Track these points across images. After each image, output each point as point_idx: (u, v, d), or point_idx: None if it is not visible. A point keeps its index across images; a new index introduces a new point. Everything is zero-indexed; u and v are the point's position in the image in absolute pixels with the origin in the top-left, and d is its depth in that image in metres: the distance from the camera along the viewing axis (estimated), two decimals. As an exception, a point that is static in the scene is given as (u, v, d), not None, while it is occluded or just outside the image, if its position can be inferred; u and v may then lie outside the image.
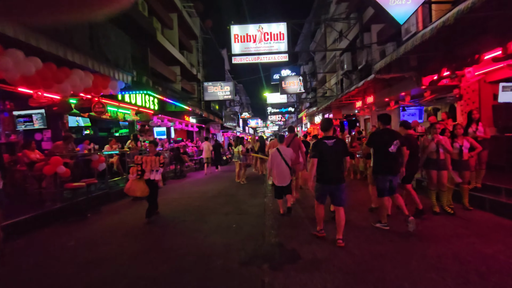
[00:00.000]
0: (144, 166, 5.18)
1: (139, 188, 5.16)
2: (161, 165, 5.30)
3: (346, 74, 15.16)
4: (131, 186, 5.18)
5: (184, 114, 14.99)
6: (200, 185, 9.78)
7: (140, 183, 5.15)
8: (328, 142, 3.70)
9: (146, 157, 5.24)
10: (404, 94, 9.18)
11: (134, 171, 5.17)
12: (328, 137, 3.78)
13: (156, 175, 5.25)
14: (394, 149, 4.07)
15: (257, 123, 49.46)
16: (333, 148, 3.68)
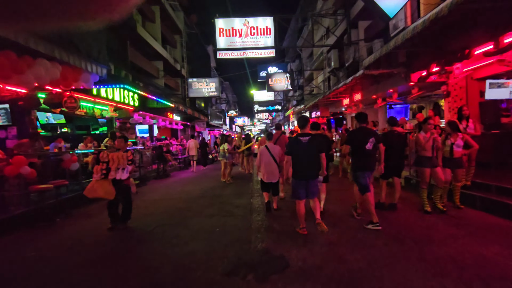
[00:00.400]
0: (111, 164, 4.56)
1: (102, 188, 4.49)
2: (130, 162, 4.72)
3: (333, 71, 15.03)
4: (92, 186, 4.50)
5: (167, 111, 14.41)
6: (184, 185, 9.34)
7: (105, 183, 4.52)
8: (303, 139, 3.81)
9: (113, 153, 4.63)
10: (392, 91, 9.08)
11: (98, 170, 4.51)
12: (303, 134, 3.89)
13: (123, 173, 4.65)
14: (370, 147, 4.18)
15: (244, 121, 49.00)
16: (308, 145, 3.79)
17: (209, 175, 11.55)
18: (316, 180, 3.97)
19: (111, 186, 4.54)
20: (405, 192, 6.66)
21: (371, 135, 4.22)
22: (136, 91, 9.56)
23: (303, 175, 3.88)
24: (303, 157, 3.84)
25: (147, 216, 5.56)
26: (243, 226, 4.64)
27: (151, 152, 12.32)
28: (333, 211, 5.17)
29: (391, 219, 4.58)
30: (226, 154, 9.23)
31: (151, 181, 10.96)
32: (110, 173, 4.55)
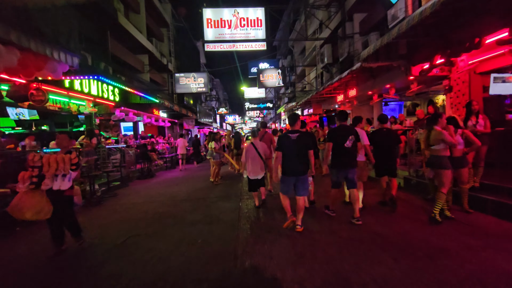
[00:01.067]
0: (46, 170, 3.43)
1: (32, 205, 3.27)
2: (74, 167, 3.64)
3: (326, 67, 14.54)
4: (19, 202, 3.28)
5: (152, 108, 13.62)
6: (169, 186, 8.66)
7: (36, 196, 3.36)
8: (292, 136, 3.86)
9: (49, 155, 3.53)
10: (389, 86, 8.62)
11: (24, 178, 3.35)
12: (292, 131, 3.95)
13: (64, 182, 3.56)
14: (349, 144, 4.27)
15: (235, 119, 48.24)
16: (297, 141, 3.84)
17: (197, 175, 10.90)
18: (306, 176, 3.99)
19: (44, 200, 3.41)
20: (405, 193, 6.21)
21: (351, 133, 4.32)
22: (114, 84, 8.78)
23: (291, 170, 3.92)
24: (292, 154, 3.89)
25: (122, 223, 4.90)
26: (229, 235, 4.04)
27: (135, 150, 11.56)
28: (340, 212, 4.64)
29: (396, 227, 4.07)
30: (214, 153, 8.60)
31: (134, 181, 10.25)
32: (44, 181, 3.44)
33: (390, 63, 6.87)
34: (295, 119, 4.06)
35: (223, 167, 11.94)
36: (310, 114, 18.05)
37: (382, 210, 4.90)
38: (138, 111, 12.71)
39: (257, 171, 5.25)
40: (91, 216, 5.52)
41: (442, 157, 4.15)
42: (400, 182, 7.03)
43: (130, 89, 9.65)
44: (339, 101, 12.24)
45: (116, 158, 10.11)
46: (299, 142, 3.86)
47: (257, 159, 5.20)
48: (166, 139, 17.85)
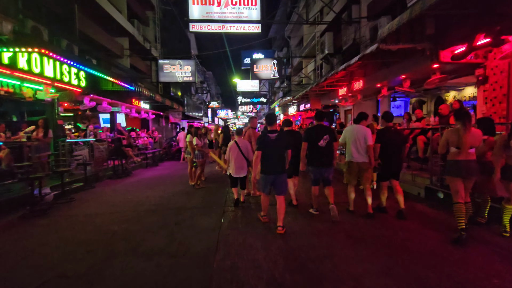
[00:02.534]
0: None
1: None
2: None
3: (326, 57, 13.21)
4: None
5: (132, 97, 12.07)
6: (142, 189, 7.23)
7: None
8: (271, 136, 3.92)
9: None
10: (404, 77, 7.35)
11: None
12: (271, 131, 4.01)
13: None
14: (323, 144, 4.36)
15: (227, 114, 46.63)
16: (275, 141, 3.91)
17: (180, 174, 9.45)
18: (284, 175, 4.02)
19: None
20: (427, 207, 4.98)
21: (326, 132, 4.41)
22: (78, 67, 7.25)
23: (270, 170, 3.98)
24: (271, 153, 3.95)
25: (53, 251, 3.48)
26: (197, 282, 2.68)
27: (108, 145, 10.04)
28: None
29: (421, 251, 2.78)
30: (196, 151, 7.18)
31: (105, 181, 8.78)
32: None
33: (413, 46, 5.56)
34: (273, 119, 4.18)
35: (209, 166, 10.58)
36: (307, 109, 16.73)
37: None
38: (114, 101, 11.16)
39: (240, 169, 5.15)
40: (20, 234, 4.08)
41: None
42: (419, 192, 5.80)
43: (98, 73, 8.11)
44: (341, 95, 10.94)
45: (81, 154, 8.61)
46: (278, 142, 3.93)
47: (240, 157, 5.11)
48: (150, 132, 16.32)
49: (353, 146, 4.39)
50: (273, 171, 3.96)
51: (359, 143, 4.34)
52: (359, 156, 4.37)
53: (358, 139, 4.34)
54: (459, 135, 3.37)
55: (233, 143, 5.22)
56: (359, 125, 4.50)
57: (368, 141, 4.30)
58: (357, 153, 4.37)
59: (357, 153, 4.37)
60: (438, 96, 12.63)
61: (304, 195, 5.93)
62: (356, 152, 4.38)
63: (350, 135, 4.44)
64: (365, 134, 4.31)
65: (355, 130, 4.42)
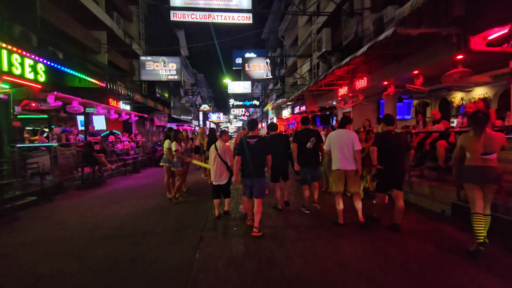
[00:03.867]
0: None
1: None
2: None
3: (323, 56, 12.23)
4: None
5: (108, 97, 10.80)
6: (109, 204, 6.02)
7: None
8: (251, 141, 3.97)
9: None
10: (418, 72, 6.35)
11: None
12: (251, 136, 4.03)
13: None
14: (310, 146, 4.69)
15: (219, 118, 45.37)
16: (255, 146, 3.96)
17: (162, 184, 8.18)
18: (262, 179, 4.03)
19: None
20: (457, 230, 3.91)
21: (313, 135, 4.74)
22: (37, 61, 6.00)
23: (249, 173, 3.99)
24: (251, 157, 3.96)
25: None
26: None
27: (75, 151, 8.74)
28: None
29: None
30: (174, 158, 5.99)
31: (70, 193, 7.55)
32: None
33: (437, 30, 4.54)
34: (254, 125, 4.17)
35: (193, 174, 9.38)
36: (302, 112, 15.70)
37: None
38: (86, 100, 9.86)
39: (219, 175, 4.85)
40: None
41: None
42: (444, 210, 4.74)
43: (61, 66, 6.87)
44: (341, 96, 9.92)
45: (37, 162, 7.29)
46: (257, 147, 3.96)
47: (219, 163, 4.82)
48: (132, 136, 15.01)
49: (340, 153, 4.12)
50: (251, 175, 3.99)
51: (347, 149, 4.09)
52: (346, 164, 4.10)
53: (344, 145, 4.09)
54: (470, 140, 3.22)
55: (212, 147, 4.96)
56: (344, 129, 4.24)
57: (356, 146, 4.06)
58: (345, 160, 4.10)
59: (344, 160, 4.10)
60: (443, 97, 11.75)
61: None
62: (344, 159, 4.10)
63: (336, 141, 4.17)
64: (353, 139, 4.09)
65: (340, 135, 4.16)
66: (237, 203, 5.76)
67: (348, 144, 4.08)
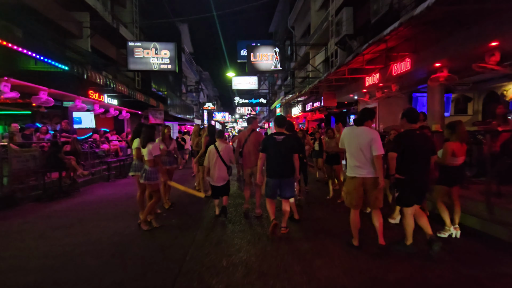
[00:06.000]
0: None
1: None
2: None
3: (343, 41, 10.32)
4: None
5: (87, 88, 9.10)
6: (53, 231, 4.25)
7: None
8: (278, 138, 3.78)
9: None
10: (498, 44, 4.39)
11: None
12: (278, 133, 3.86)
13: None
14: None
15: (224, 117, 43.59)
16: (281, 144, 3.74)
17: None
18: (291, 179, 3.86)
19: None
20: None
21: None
22: None
23: (276, 173, 3.79)
24: (277, 156, 3.78)
25: None
26: None
27: (39, 151, 7.03)
28: None
29: None
30: (146, 167, 4.18)
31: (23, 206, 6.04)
32: None
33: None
34: (282, 121, 4.01)
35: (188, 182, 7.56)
36: (314, 109, 13.75)
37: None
38: (58, 91, 8.16)
39: (220, 178, 4.63)
40: None
41: None
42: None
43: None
44: (369, 86, 7.98)
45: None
46: (284, 145, 3.75)
47: (219, 164, 4.61)
48: (124, 135, 13.33)
49: (354, 156, 3.27)
50: (279, 174, 3.77)
51: (363, 152, 3.21)
52: (362, 170, 3.24)
53: (361, 146, 3.22)
54: None
55: (212, 147, 4.75)
56: (363, 126, 3.32)
57: (376, 150, 3.15)
58: (363, 165, 3.23)
59: (362, 165, 3.23)
60: (491, 91, 9.72)
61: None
62: (359, 164, 3.24)
63: (350, 141, 3.34)
64: (371, 139, 3.18)
65: (357, 134, 3.29)
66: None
67: (364, 146, 3.21)
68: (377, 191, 3.23)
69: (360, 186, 3.26)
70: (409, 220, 3.22)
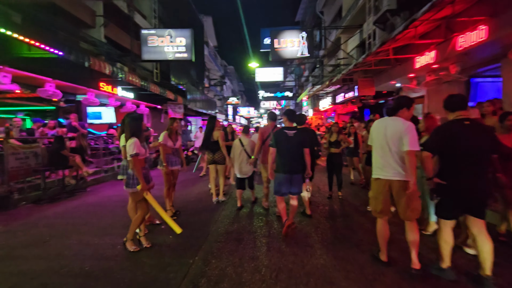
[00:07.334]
0: None
1: None
2: None
3: (383, 19, 8.70)
4: None
5: (98, 79, 8.49)
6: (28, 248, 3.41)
7: None
8: (289, 133, 3.67)
9: None
10: None
11: None
12: (290, 127, 3.74)
13: None
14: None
15: (249, 112, 42.67)
16: (293, 138, 3.65)
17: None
18: (300, 175, 3.73)
19: None
20: None
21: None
22: None
23: (286, 169, 3.65)
24: (288, 151, 3.66)
25: None
26: None
27: (41, 149, 6.47)
28: None
29: None
30: (130, 169, 3.24)
31: (18, 208, 5.47)
32: None
33: None
34: (295, 115, 3.92)
35: (198, 185, 6.62)
36: (346, 100, 12.20)
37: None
38: (67, 83, 7.60)
39: (245, 171, 4.92)
40: None
41: None
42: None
43: None
44: (419, 68, 6.43)
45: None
46: (296, 140, 3.64)
47: (245, 158, 4.87)
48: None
49: (378, 152, 2.72)
50: (289, 170, 3.65)
51: (390, 147, 2.62)
52: (390, 170, 2.63)
53: (388, 140, 2.63)
54: None
55: (237, 141, 5.03)
56: (395, 116, 2.69)
57: (408, 144, 2.51)
58: (388, 164, 2.63)
59: (387, 164, 2.64)
60: None
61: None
62: (386, 163, 2.64)
63: (376, 135, 2.77)
64: (403, 131, 2.56)
65: (385, 126, 2.70)
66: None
67: (394, 140, 2.59)
68: (407, 198, 2.58)
69: (386, 190, 2.71)
70: (446, 236, 2.55)
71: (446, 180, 2.51)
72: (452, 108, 2.56)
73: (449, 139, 2.47)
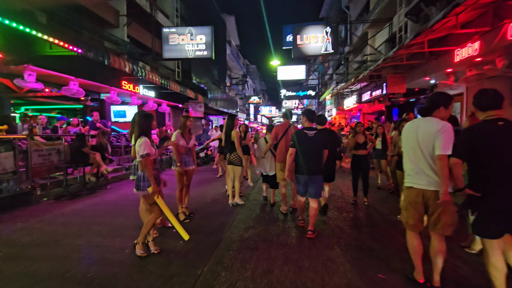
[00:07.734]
0: None
1: None
2: None
3: (417, 10, 8.02)
4: None
5: (120, 78, 8.59)
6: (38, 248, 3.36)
7: None
8: (309, 133, 3.65)
9: None
10: None
11: None
12: (310, 128, 3.71)
13: None
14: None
15: (271, 111, 42.27)
16: (313, 139, 3.63)
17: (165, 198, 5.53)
18: (320, 177, 3.67)
19: None
20: None
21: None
22: None
23: (306, 170, 3.61)
24: (307, 152, 3.62)
25: None
26: None
27: (64, 146, 6.61)
28: None
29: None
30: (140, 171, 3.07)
31: (41, 204, 5.59)
32: None
33: None
34: (314, 115, 3.84)
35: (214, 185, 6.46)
36: (373, 98, 11.49)
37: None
38: (91, 82, 7.74)
39: (272, 170, 4.90)
40: None
41: None
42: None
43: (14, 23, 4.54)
44: (460, 61, 5.76)
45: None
46: (316, 140, 3.62)
47: (271, 157, 4.84)
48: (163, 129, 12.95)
49: (413, 158, 2.37)
50: (308, 171, 3.61)
51: (423, 151, 2.30)
52: (425, 178, 2.29)
53: (420, 143, 2.31)
54: None
55: (262, 140, 5.14)
56: (429, 117, 2.34)
57: (440, 148, 2.18)
58: (421, 171, 2.31)
59: (420, 171, 2.31)
60: None
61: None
62: (419, 169, 2.32)
63: (407, 139, 2.46)
64: (437, 132, 2.21)
65: (416, 127, 2.36)
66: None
67: (426, 143, 2.26)
68: (439, 210, 2.26)
69: (419, 201, 2.37)
70: (494, 260, 2.10)
71: (478, 190, 2.14)
72: (483, 107, 2.21)
73: (479, 141, 2.14)
